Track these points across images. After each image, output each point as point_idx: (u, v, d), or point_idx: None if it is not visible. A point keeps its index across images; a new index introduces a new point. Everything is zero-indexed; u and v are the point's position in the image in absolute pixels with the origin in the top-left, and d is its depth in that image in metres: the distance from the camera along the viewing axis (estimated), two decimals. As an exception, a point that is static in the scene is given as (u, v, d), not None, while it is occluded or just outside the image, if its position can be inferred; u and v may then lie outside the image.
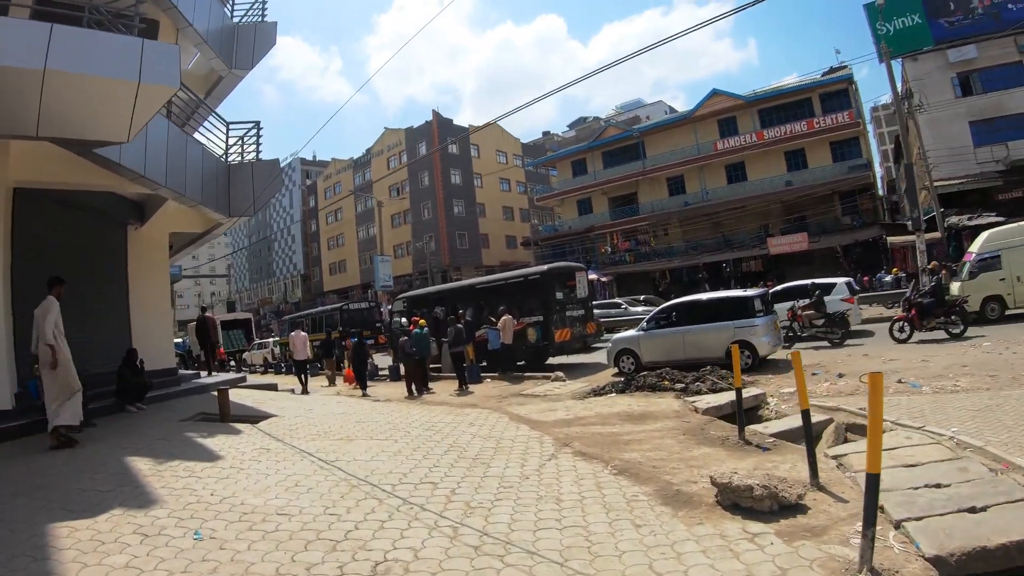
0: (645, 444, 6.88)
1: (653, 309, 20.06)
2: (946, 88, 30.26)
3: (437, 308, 18.86)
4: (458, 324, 14.87)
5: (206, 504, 5.00)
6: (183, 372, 15.54)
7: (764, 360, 13.31)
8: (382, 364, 21.54)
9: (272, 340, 34.72)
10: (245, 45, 13.76)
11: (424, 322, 15.18)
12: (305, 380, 17.16)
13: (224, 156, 12.99)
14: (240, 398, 11.24)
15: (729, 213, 39.04)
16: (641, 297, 32.19)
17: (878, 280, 30.21)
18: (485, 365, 16.55)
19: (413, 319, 16.29)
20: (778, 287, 20.11)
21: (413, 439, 7.54)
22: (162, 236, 13.60)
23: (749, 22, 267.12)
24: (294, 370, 18.21)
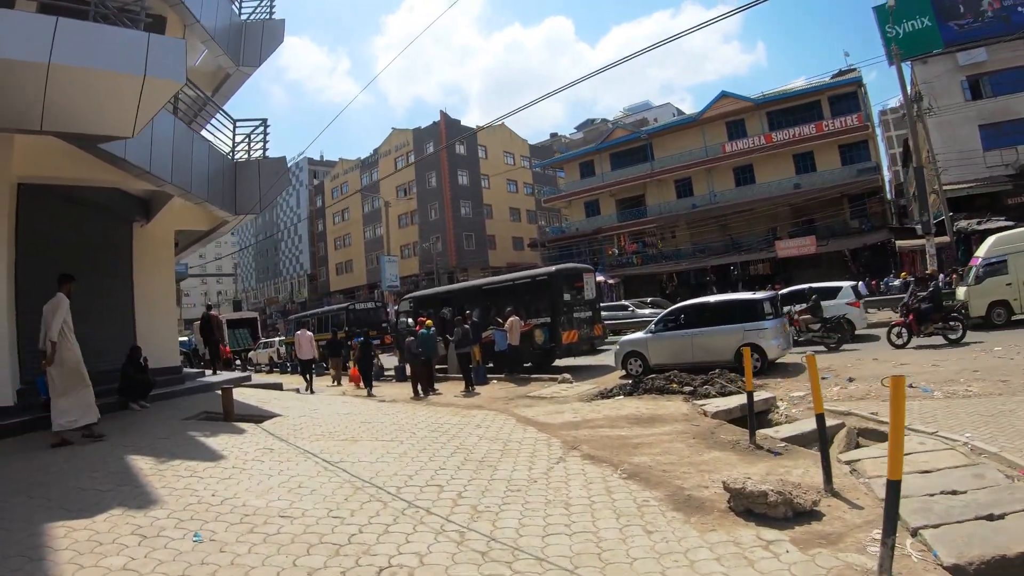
0: (654, 448, 6.78)
1: (660, 312, 19.98)
2: (955, 91, 30.14)
3: (444, 309, 18.81)
4: (465, 325, 14.80)
5: (207, 505, 4.92)
6: (187, 370, 15.51)
7: (773, 363, 13.21)
8: (388, 364, 21.48)
9: (278, 339, 34.73)
10: (253, 42, 13.73)
11: (430, 322, 15.13)
12: (310, 380, 17.13)
13: (231, 153, 12.96)
14: (244, 397, 11.21)
15: (737, 216, 38.93)
16: (648, 299, 32.14)
17: (886, 284, 30.01)
18: (491, 366, 16.50)
19: (419, 319, 16.24)
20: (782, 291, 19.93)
21: (419, 440, 7.45)
22: (167, 233, 13.55)
23: (757, 25, 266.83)
24: (299, 370, 18.17)
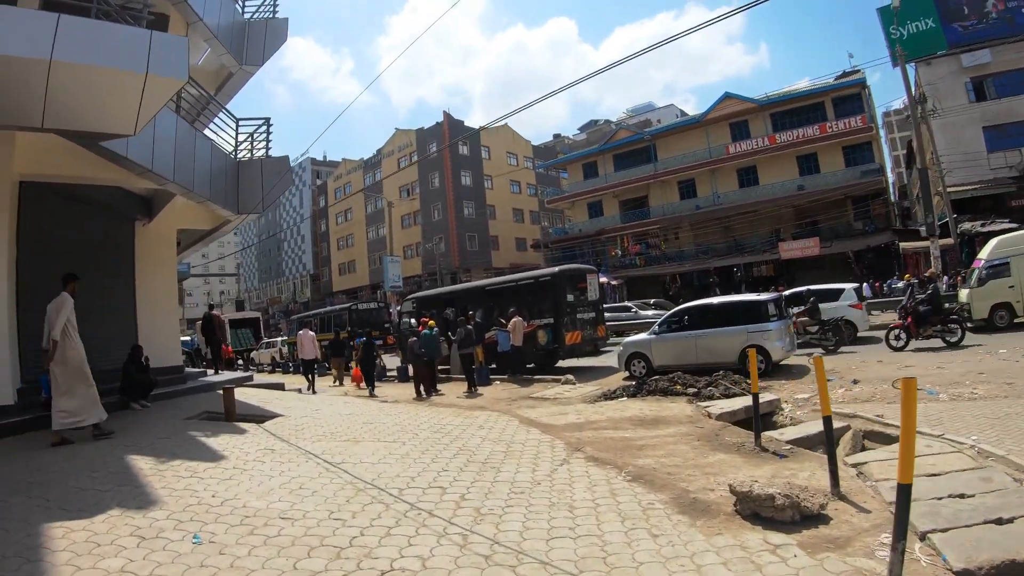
0: (659, 450, 6.72)
1: (663, 313, 19.91)
2: (959, 93, 30.04)
3: (448, 309, 18.76)
4: (468, 325, 14.74)
5: (207, 506, 4.86)
6: (189, 370, 15.47)
7: (777, 365, 13.13)
8: (390, 365, 21.42)
9: (280, 339, 34.70)
10: (256, 41, 13.69)
11: (433, 323, 15.09)
12: (312, 380, 17.08)
13: (233, 152, 12.92)
14: (246, 397, 11.17)
15: (740, 217, 38.87)
16: (651, 301, 32.08)
17: (889, 286, 29.92)
18: (494, 367, 16.45)
19: (422, 320, 16.19)
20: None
21: (421, 442, 7.39)
22: (170, 232, 13.51)
23: (760, 26, 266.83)
24: (301, 369, 18.13)
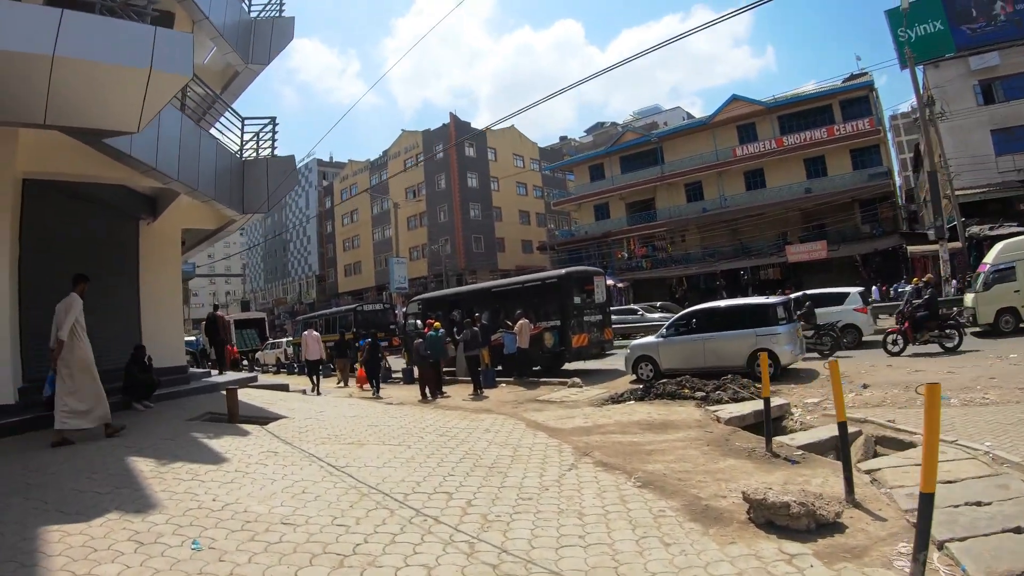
0: (668, 455, 6.60)
1: (670, 316, 19.76)
2: (968, 96, 29.93)
3: (454, 311, 18.68)
4: (474, 327, 14.64)
5: (207, 510, 4.75)
6: (193, 370, 15.40)
7: (785, 369, 12.97)
8: (396, 366, 21.33)
9: (285, 340, 34.68)
10: (262, 40, 13.63)
11: (439, 324, 14.99)
12: (317, 381, 16.99)
13: (239, 152, 12.85)
14: (250, 398, 11.08)
15: (747, 220, 38.73)
16: (658, 304, 31.99)
17: (895, 290, 29.74)
18: (500, 369, 16.34)
19: (428, 321, 16.09)
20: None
21: (427, 445, 7.27)
22: (174, 232, 13.45)
23: (767, 29, 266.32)
24: (306, 371, 18.05)
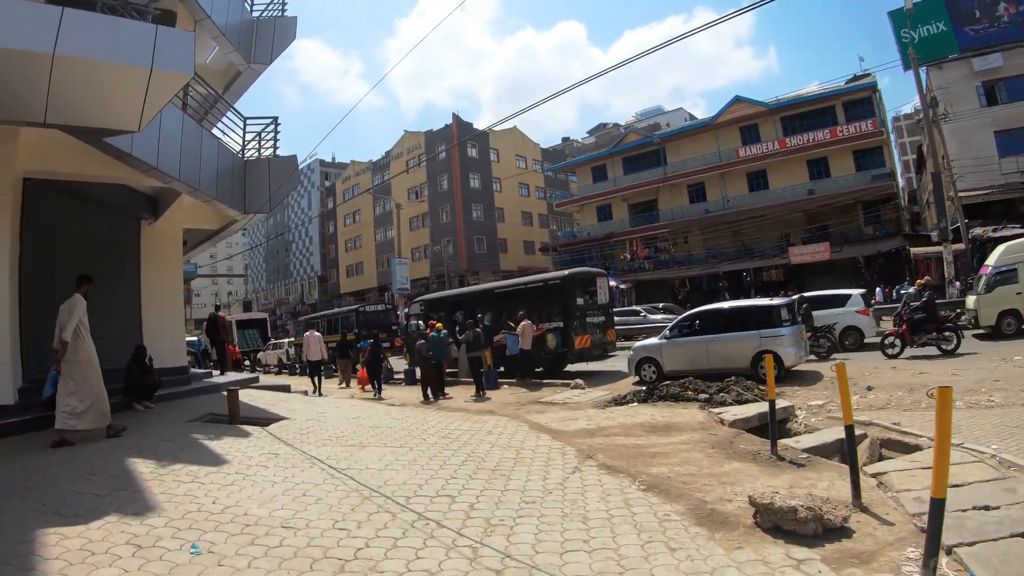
0: (672, 458, 6.54)
1: (672, 317, 19.69)
2: (971, 97, 29.80)
3: (456, 312, 18.62)
4: (476, 328, 14.58)
5: (207, 513, 4.69)
6: (195, 371, 15.36)
7: (789, 371, 12.90)
8: (398, 367, 21.27)
9: (287, 341, 34.63)
10: (264, 39, 13.60)
11: (441, 325, 14.93)
12: (319, 382, 16.91)
13: (241, 152, 12.81)
14: (251, 399, 11.02)
15: (750, 221, 38.61)
16: (660, 305, 31.85)
17: (897, 292, 29.63)
18: (503, 370, 16.29)
19: (430, 322, 16.04)
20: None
21: (429, 447, 7.21)
22: (176, 232, 13.41)
23: (769, 30, 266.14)
24: (308, 371, 17.99)
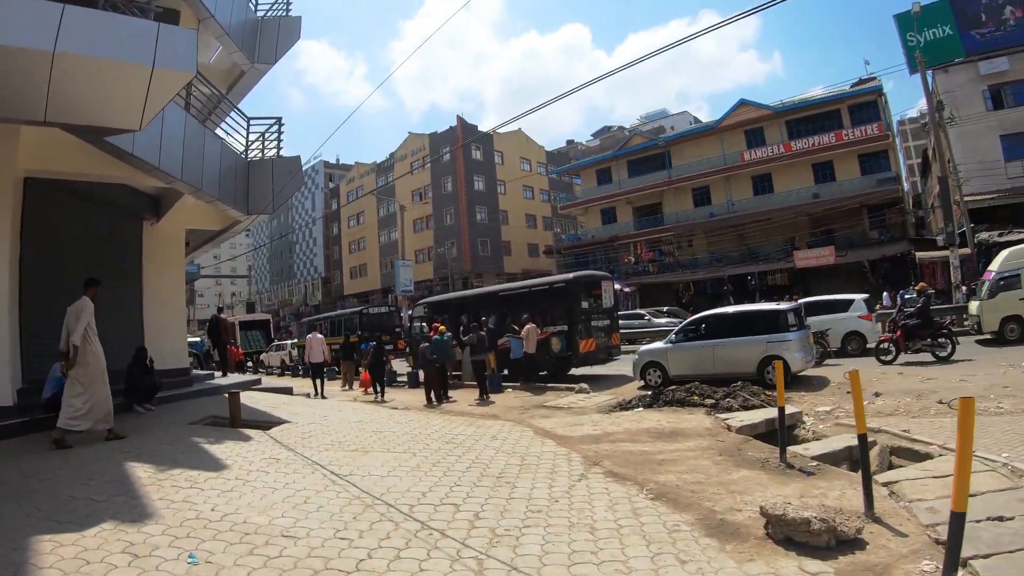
0: (680, 465, 6.42)
1: (676, 321, 19.56)
2: (977, 101, 29.56)
3: (460, 315, 18.52)
4: (480, 331, 14.47)
5: (205, 521, 4.58)
6: (197, 372, 15.28)
7: (796, 377, 12.77)
8: (401, 370, 21.16)
9: (290, 342, 34.54)
10: (268, 39, 13.53)
11: (444, 328, 14.82)
12: (321, 384, 16.82)
13: (244, 152, 12.73)
14: (253, 401, 10.94)
15: (755, 225, 38.40)
16: (664, 308, 31.74)
17: (901, 296, 29.48)
18: (506, 374, 16.17)
19: (434, 325, 15.94)
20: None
21: (432, 453, 7.11)
22: (178, 232, 13.35)
23: (774, 33, 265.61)
24: (310, 373, 17.89)
